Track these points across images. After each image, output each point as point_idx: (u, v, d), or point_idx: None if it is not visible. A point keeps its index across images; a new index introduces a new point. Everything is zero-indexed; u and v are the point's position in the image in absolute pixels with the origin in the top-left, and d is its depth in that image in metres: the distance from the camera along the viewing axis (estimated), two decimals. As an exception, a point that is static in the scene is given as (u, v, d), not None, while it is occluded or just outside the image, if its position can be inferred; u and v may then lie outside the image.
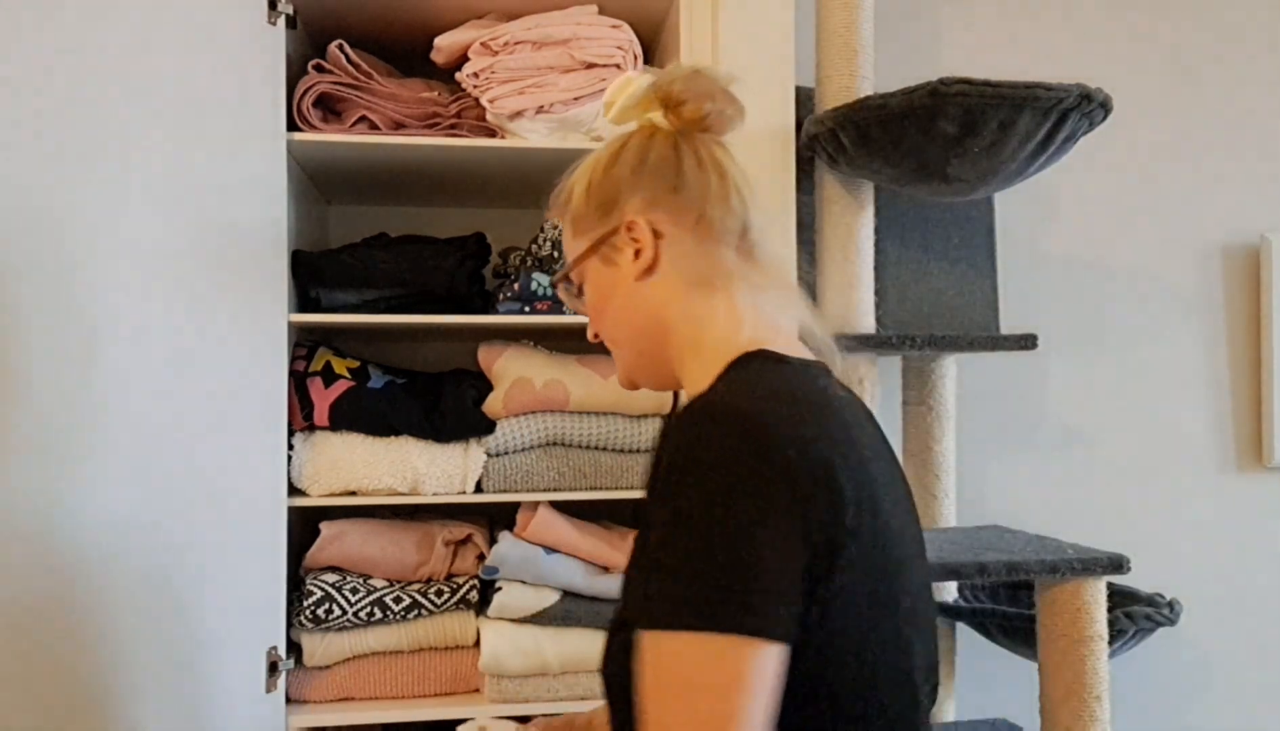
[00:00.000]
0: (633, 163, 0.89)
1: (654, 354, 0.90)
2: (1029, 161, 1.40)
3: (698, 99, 0.88)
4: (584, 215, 0.91)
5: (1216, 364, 2.07)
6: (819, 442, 0.73)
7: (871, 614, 0.74)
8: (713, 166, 0.89)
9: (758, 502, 0.68)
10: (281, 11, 1.42)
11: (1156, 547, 2.03)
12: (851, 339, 1.50)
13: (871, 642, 0.74)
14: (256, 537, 1.38)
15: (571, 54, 1.49)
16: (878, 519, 0.74)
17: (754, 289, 0.87)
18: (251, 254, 1.39)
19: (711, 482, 0.69)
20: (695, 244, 0.87)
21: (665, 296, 0.87)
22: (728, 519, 0.68)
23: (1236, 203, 2.08)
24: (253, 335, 1.39)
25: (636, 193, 0.88)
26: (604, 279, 0.90)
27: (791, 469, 0.70)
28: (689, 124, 0.89)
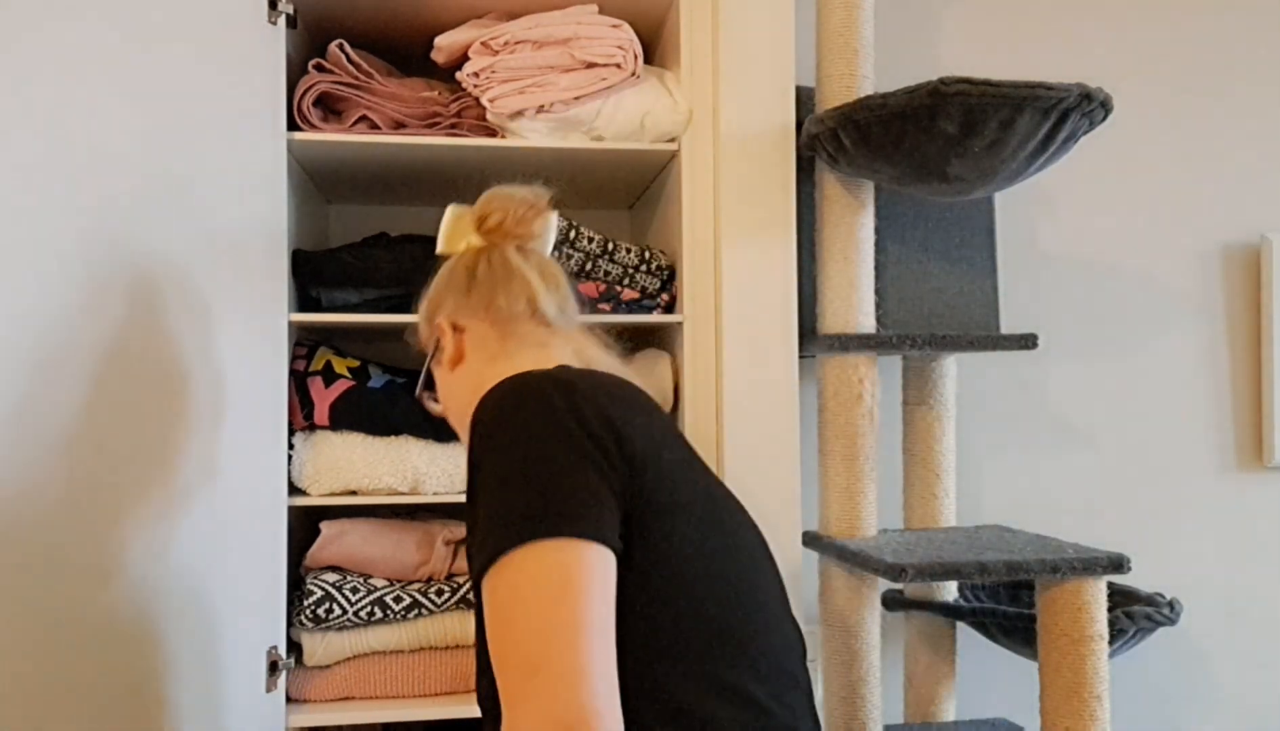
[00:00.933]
0: (443, 280, 1.12)
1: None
2: (1029, 161, 1.40)
3: (495, 212, 1.10)
4: (421, 333, 1.14)
5: (1216, 364, 2.07)
6: (592, 394, 0.85)
7: (685, 535, 0.83)
8: (501, 266, 1.08)
9: (549, 439, 0.79)
10: (282, 11, 1.42)
11: (1156, 547, 2.03)
12: (851, 339, 1.51)
13: (694, 562, 0.83)
14: (256, 537, 1.38)
15: (572, 53, 1.49)
16: (670, 470, 0.85)
17: (540, 346, 1.05)
18: (251, 253, 1.39)
19: (504, 436, 0.81)
20: (489, 328, 1.06)
21: (473, 375, 1.07)
22: (527, 457, 0.78)
23: (1236, 203, 2.08)
24: (253, 335, 1.39)
25: (445, 303, 1.10)
26: (439, 377, 1.12)
27: (570, 413, 0.81)
28: (494, 234, 1.10)
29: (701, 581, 0.83)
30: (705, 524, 0.86)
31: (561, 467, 0.77)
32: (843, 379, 1.52)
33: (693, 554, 0.83)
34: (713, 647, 0.82)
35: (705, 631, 0.82)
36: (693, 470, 0.90)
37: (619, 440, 0.81)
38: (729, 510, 0.93)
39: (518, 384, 0.86)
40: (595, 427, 0.81)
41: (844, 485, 1.52)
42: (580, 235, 1.54)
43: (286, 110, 1.44)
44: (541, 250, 1.13)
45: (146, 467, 1.33)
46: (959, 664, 1.78)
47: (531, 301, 1.06)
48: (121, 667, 1.30)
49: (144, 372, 1.33)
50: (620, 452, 0.81)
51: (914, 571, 1.33)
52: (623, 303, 1.57)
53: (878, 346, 1.52)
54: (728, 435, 1.49)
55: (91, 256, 1.32)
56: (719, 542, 0.87)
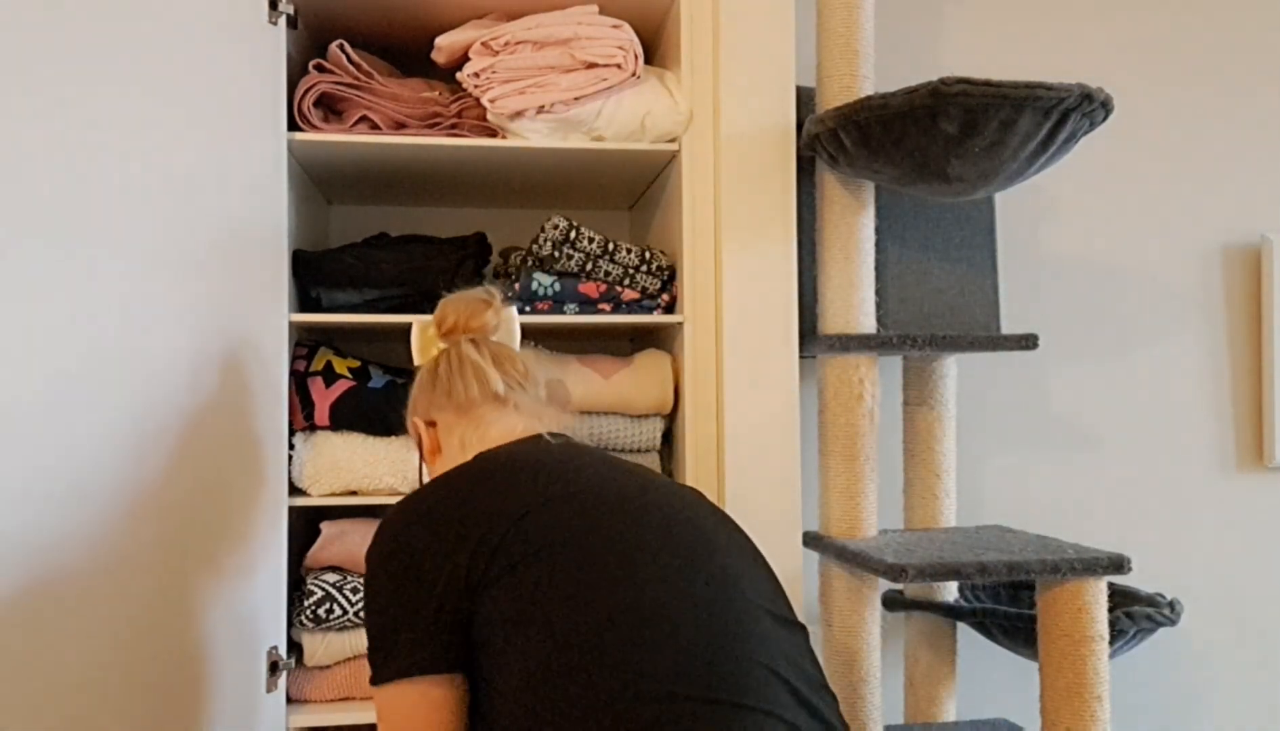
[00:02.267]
0: (415, 386, 1.23)
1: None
2: (1030, 161, 1.40)
3: (449, 315, 1.22)
4: (409, 431, 1.24)
5: (1217, 364, 2.07)
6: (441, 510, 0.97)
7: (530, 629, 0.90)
8: (457, 359, 1.19)
9: (387, 584, 0.95)
10: (282, 11, 1.42)
11: (1156, 547, 2.03)
12: (851, 339, 1.51)
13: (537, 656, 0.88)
14: (257, 538, 1.38)
15: (572, 54, 1.49)
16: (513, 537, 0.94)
17: (497, 423, 1.15)
18: (252, 254, 1.39)
19: (367, 576, 0.97)
20: (454, 416, 1.17)
21: (451, 460, 1.17)
22: (375, 604, 0.95)
23: (1236, 203, 2.08)
24: (253, 335, 1.39)
25: (418, 404, 1.22)
26: (427, 469, 1.23)
27: (411, 547, 0.95)
28: (452, 334, 1.22)
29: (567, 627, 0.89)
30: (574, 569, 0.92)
31: (397, 611, 0.93)
32: (843, 379, 1.52)
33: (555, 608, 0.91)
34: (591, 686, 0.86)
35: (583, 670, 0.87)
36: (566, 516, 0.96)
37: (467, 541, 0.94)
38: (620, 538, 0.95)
39: (383, 523, 1.00)
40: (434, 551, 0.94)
41: (844, 485, 1.52)
42: (580, 235, 1.54)
43: (287, 110, 1.44)
44: (505, 338, 1.26)
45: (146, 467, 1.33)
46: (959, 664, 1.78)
47: (484, 383, 1.17)
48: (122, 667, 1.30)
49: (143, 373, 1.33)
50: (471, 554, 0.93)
51: (914, 571, 1.33)
52: (623, 303, 1.57)
53: (878, 346, 1.52)
54: (728, 435, 1.49)
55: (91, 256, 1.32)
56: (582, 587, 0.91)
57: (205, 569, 1.35)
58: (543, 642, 0.87)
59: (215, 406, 1.36)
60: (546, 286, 1.54)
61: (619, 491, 1.00)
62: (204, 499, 1.35)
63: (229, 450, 1.37)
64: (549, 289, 1.55)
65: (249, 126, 1.39)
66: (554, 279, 1.55)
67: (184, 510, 1.34)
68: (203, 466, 1.35)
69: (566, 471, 1.02)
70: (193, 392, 1.36)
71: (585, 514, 0.96)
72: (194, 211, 1.36)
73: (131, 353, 1.33)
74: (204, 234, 1.37)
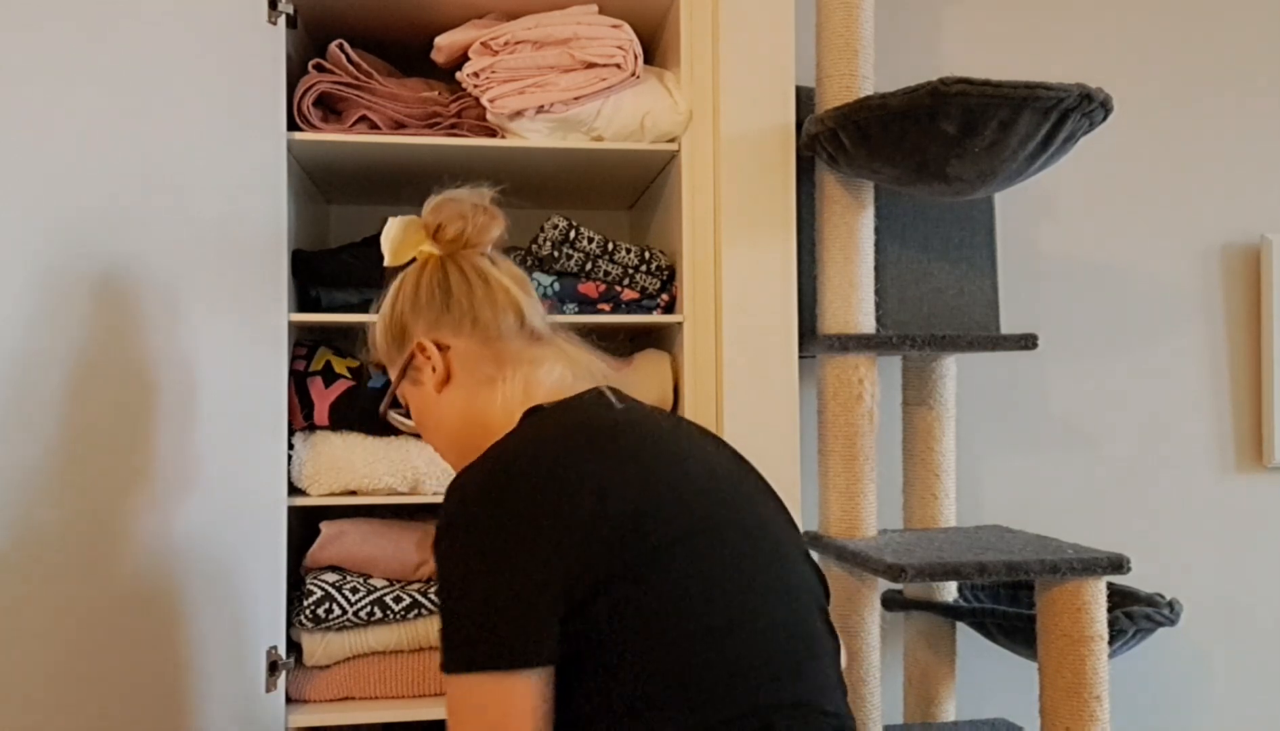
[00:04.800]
0: (410, 295, 1.04)
1: (469, 449, 1.00)
2: (1029, 161, 1.40)
3: (452, 220, 1.04)
4: (386, 351, 1.06)
5: (1216, 364, 2.07)
6: (568, 476, 0.83)
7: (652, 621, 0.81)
8: (477, 276, 1.03)
9: (500, 551, 0.80)
10: (282, 11, 1.42)
11: (1156, 547, 2.03)
12: (851, 339, 1.51)
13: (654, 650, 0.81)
14: (256, 537, 1.38)
15: (572, 53, 1.49)
16: (643, 520, 0.82)
17: (534, 364, 1.01)
18: (251, 253, 1.39)
19: (459, 542, 0.81)
20: (478, 346, 1.01)
21: (464, 397, 1.02)
22: (476, 571, 0.80)
23: (1236, 203, 2.08)
24: (253, 334, 1.39)
25: (419, 320, 1.03)
26: (417, 398, 1.05)
27: (536, 511, 0.81)
28: (454, 245, 1.04)
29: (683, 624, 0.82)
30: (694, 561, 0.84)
31: (506, 582, 0.79)
32: (843, 379, 1.52)
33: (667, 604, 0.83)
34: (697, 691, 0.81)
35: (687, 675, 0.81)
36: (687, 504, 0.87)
37: (592, 516, 0.81)
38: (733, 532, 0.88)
39: (488, 471, 0.84)
40: (560, 515, 0.81)
41: (844, 485, 1.52)
42: (580, 235, 1.54)
43: (286, 110, 1.44)
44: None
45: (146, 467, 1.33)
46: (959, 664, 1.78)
47: (519, 314, 1.02)
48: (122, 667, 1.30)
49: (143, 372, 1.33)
50: (589, 530, 0.81)
51: (914, 571, 1.33)
52: (623, 303, 1.57)
53: (878, 346, 1.52)
54: (728, 435, 1.49)
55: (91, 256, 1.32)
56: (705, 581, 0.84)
57: (205, 568, 1.35)
58: (654, 653, 0.81)
59: (215, 406, 1.36)
60: (546, 286, 1.54)
61: (716, 478, 0.91)
62: (204, 498, 1.35)
63: (229, 450, 1.37)
64: (548, 289, 1.55)
65: (249, 126, 1.39)
66: (553, 279, 1.55)
67: (183, 509, 1.34)
68: (202, 466, 1.35)
69: (666, 451, 0.90)
70: (192, 392, 1.35)
71: (697, 507, 0.86)
72: (194, 211, 1.36)
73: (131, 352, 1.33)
74: (203, 233, 1.37)
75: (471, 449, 0.98)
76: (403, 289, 1.05)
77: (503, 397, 0.99)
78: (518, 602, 0.79)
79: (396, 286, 1.06)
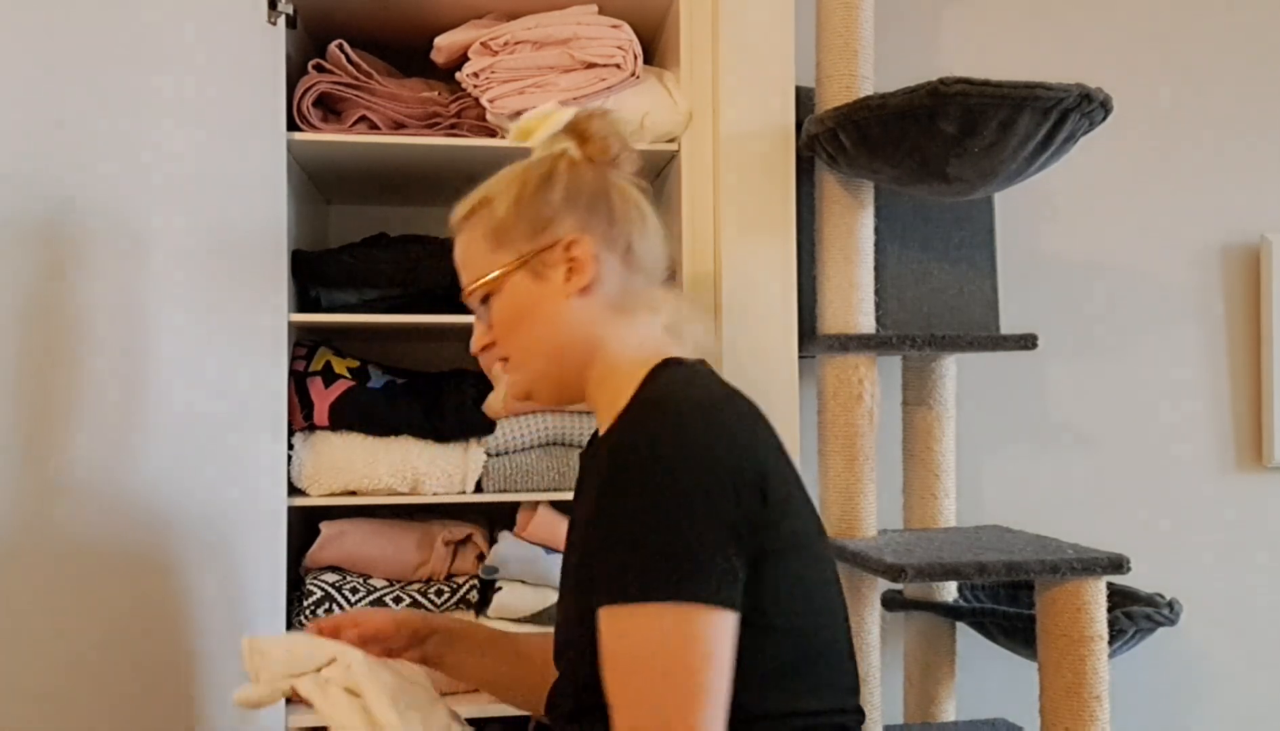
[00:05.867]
0: (566, 188, 0.95)
1: (568, 370, 0.96)
2: (1029, 161, 1.40)
3: (608, 138, 0.98)
4: (509, 228, 0.95)
5: (1216, 364, 2.07)
6: (746, 439, 0.83)
7: (803, 589, 0.84)
8: (634, 204, 0.97)
9: (698, 490, 0.77)
10: (281, 11, 1.42)
11: (1156, 547, 2.03)
12: (851, 339, 1.50)
13: (808, 615, 0.84)
14: (256, 537, 1.38)
15: (572, 54, 1.49)
16: (792, 505, 0.85)
17: (652, 310, 0.96)
18: (251, 253, 1.39)
19: (656, 475, 0.78)
20: (623, 271, 0.95)
21: (592, 317, 0.94)
22: (668, 506, 0.77)
23: (1236, 203, 2.08)
24: (253, 335, 1.39)
25: (570, 216, 0.94)
26: (526, 294, 0.94)
27: (723, 464, 0.79)
28: (601, 159, 0.98)
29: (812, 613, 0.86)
30: (816, 557, 0.88)
31: (699, 523, 0.77)
32: (843, 379, 1.52)
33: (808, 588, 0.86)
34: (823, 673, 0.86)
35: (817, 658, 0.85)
36: (806, 500, 0.90)
37: (763, 484, 0.81)
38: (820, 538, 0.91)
39: (671, 413, 0.81)
40: (743, 473, 0.80)
41: (844, 485, 1.52)
42: (580, 235, 1.54)
43: (286, 110, 1.44)
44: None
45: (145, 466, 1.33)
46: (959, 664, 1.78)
47: (666, 258, 0.98)
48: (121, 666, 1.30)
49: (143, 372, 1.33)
50: (762, 498, 0.81)
51: (914, 571, 1.33)
52: (622, 303, 1.57)
53: (878, 346, 1.52)
54: (727, 435, 1.49)
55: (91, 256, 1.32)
56: (821, 573, 0.89)
57: (205, 568, 1.35)
58: (806, 626, 0.84)
59: (215, 406, 1.36)
60: (546, 286, 1.54)
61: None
62: (203, 498, 1.35)
63: (229, 450, 1.37)
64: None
65: (249, 126, 1.39)
66: (553, 279, 1.55)
67: (184, 509, 1.34)
68: (202, 466, 1.35)
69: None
70: (192, 392, 1.35)
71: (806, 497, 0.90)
72: (194, 211, 1.36)
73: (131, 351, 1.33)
74: (204, 234, 1.37)
75: (569, 368, 0.95)
76: (555, 176, 0.96)
77: (639, 337, 0.94)
78: (723, 546, 0.77)
79: (544, 170, 0.97)
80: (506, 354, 0.97)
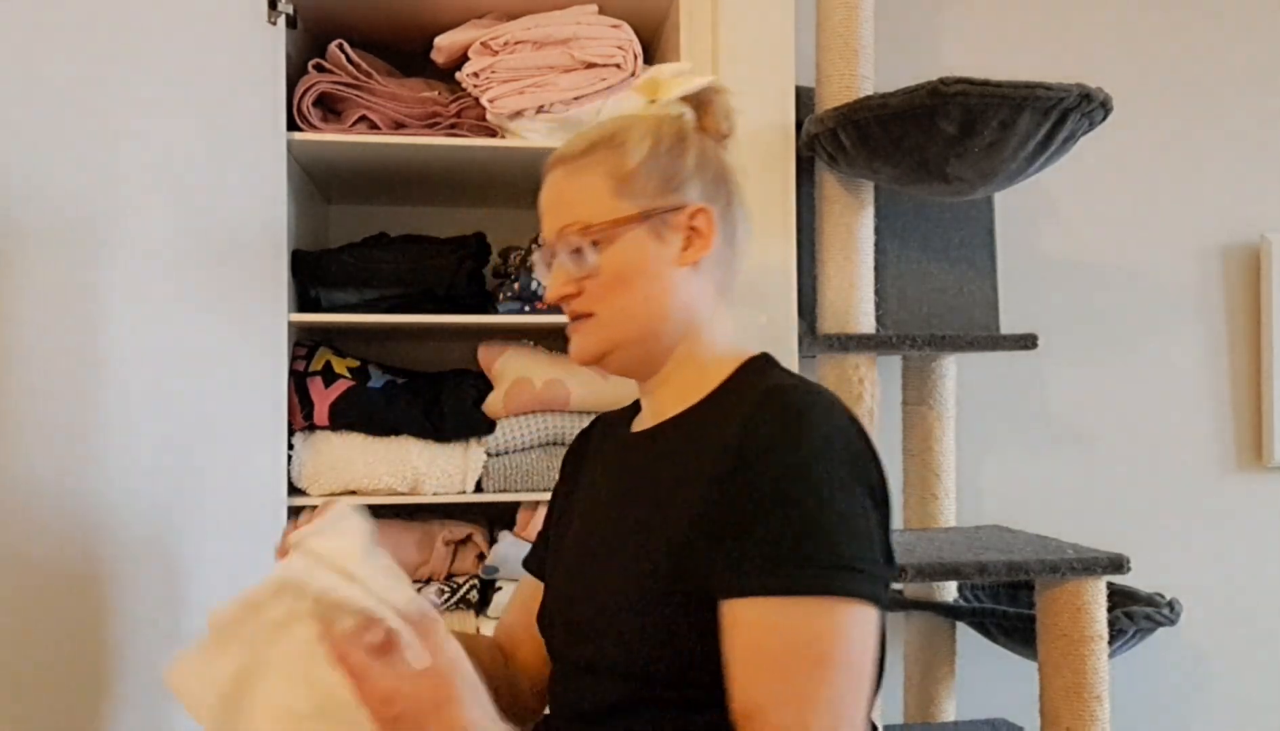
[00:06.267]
0: (698, 157, 0.90)
1: (658, 342, 0.90)
2: (1029, 161, 1.40)
3: (729, 115, 0.93)
4: (639, 178, 0.88)
5: (1216, 364, 2.07)
6: (870, 448, 0.82)
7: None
8: (741, 191, 0.94)
9: (856, 487, 0.76)
10: (281, 11, 1.42)
11: (1156, 547, 2.03)
12: (851, 339, 1.50)
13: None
14: (256, 537, 1.38)
15: (572, 54, 1.49)
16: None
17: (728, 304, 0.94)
18: (251, 254, 1.39)
19: (819, 467, 0.76)
20: (728, 255, 0.92)
21: (694, 294, 0.90)
22: (844, 500, 0.75)
23: (1236, 203, 2.08)
24: (253, 335, 1.39)
25: (699, 185, 0.89)
26: (639, 252, 0.88)
27: (869, 472, 0.79)
28: (712, 132, 0.93)
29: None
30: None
31: (868, 524, 0.76)
32: (843, 379, 1.52)
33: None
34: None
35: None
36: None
37: (886, 488, 0.82)
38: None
39: (827, 408, 0.80)
40: (882, 478, 0.81)
41: (844, 485, 1.52)
42: (580, 235, 1.54)
43: (286, 110, 1.44)
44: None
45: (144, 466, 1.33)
46: (959, 664, 1.78)
47: (744, 255, 0.95)
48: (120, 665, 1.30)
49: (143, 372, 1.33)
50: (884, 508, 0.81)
51: (914, 571, 1.33)
52: (623, 303, 1.57)
53: (878, 346, 1.52)
54: (728, 435, 1.49)
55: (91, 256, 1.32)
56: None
57: (205, 568, 1.35)
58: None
59: (215, 406, 1.36)
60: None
61: None
62: (204, 498, 1.35)
63: (229, 450, 1.37)
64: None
65: (249, 126, 1.39)
66: (554, 279, 1.55)
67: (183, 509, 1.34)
68: (203, 466, 1.35)
69: None
70: (192, 392, 1.35)
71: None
72: (194, 211, 1.36)
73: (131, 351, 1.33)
74: (204, 234, 1.37)
75: (660, 340, 0.90)
76: (686, 141, 0.91)
77: (727, 326, 0.92)
78: (879, 543, 0.77)
79: (677, 131, 0.91)
80: (593, 310, 0.89)
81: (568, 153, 0.92)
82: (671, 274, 0.88)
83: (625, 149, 0.89)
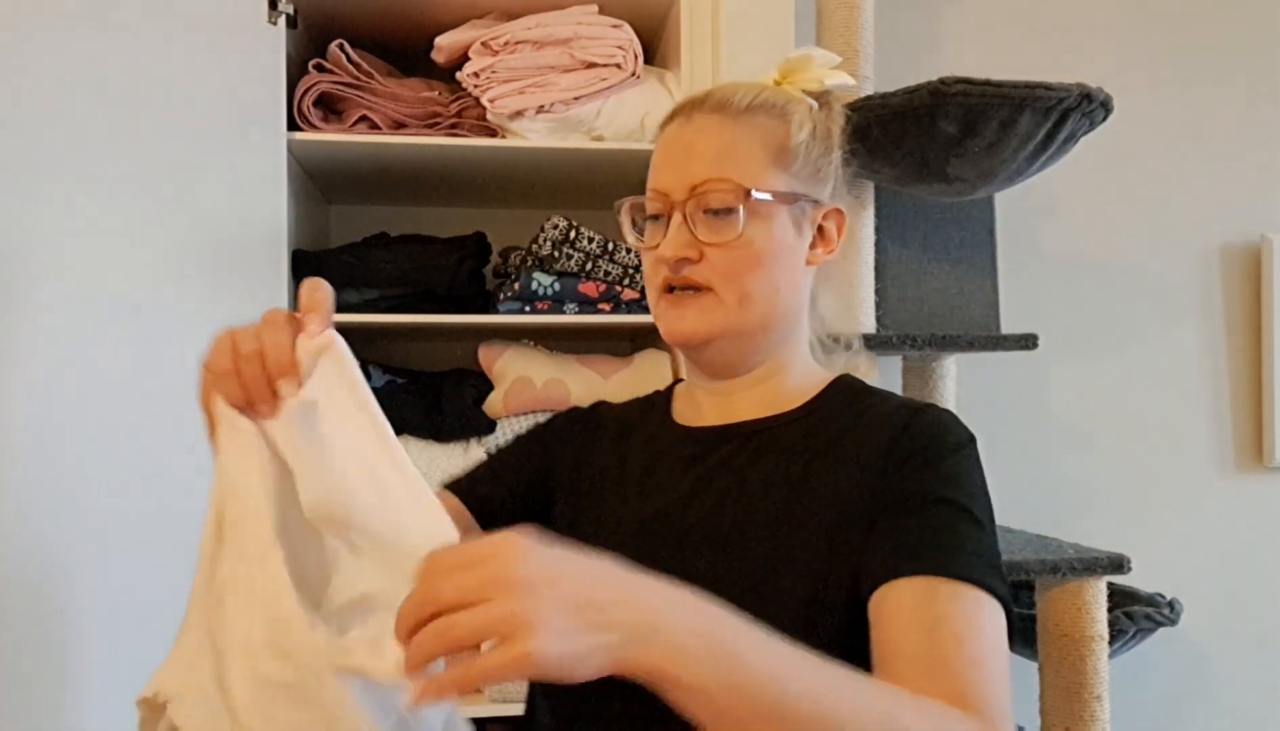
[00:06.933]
0: (841, 154, 0.87)
1: (765, 336, 0.85)
2: (1029, 161, 1.40)
3: (840, 122, 0.88)
4: (798, 158, 0.82)
5: (1216, 364, 2.07)
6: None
7: None
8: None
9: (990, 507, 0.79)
10: (282, 11, 1.42)
11: (1156, 547, 2.03)
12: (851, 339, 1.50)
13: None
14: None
15: (572, 53, 1.49)
16: None
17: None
18: (251, 253, 1.39)
19: (976, 475, 0.80)
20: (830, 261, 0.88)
21: (806, 298, 0.87)
22: (987, 504, 0.78)
23: (1236, 203, 2.08)
24: (253, 335, 1.39)
25: (833, 186, 0.85)
26: (783, 236, 0.82)
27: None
28: (820, 128, 0.87)
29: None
30: None
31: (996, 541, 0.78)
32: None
33: None
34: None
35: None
36: None
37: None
38: None
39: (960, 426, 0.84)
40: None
41: (844, 485, 1.52)
42: (580, 235, 1.54)
43: (286, 110, 1.44)
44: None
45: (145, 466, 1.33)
46: (959, 664, 1.77)
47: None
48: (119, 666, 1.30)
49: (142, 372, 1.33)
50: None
51: (914, 571, 1.33)
52: (623, 302, 1.57)
53: (877, 346, 1.52)
54: (728, 435, 1.49)
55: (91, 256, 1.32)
56: None
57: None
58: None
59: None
60: (546, 286, 1.54)
61: None
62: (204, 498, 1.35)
63: (229, 450, 1.36)
64: (549, 289, 1.54)
65: (249, 126, 1.39)
66: (554, 279, 1.55)
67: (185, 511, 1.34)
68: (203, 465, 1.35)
69: None
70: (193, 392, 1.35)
71: None
72: (194, 211, 1.36)
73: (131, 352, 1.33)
74: (204, 234, 1.37)
75: (773, 334, 0.85)
76: (834, 136, 0.86)
77: (802, 325, 0.89)
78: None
79: (832, 128, 0.87)
80: (713, 284, 0.81)
81: (727, 100, 0.82)
82: (799, 269, 0.83)
83: (790, 123, 0.82)
